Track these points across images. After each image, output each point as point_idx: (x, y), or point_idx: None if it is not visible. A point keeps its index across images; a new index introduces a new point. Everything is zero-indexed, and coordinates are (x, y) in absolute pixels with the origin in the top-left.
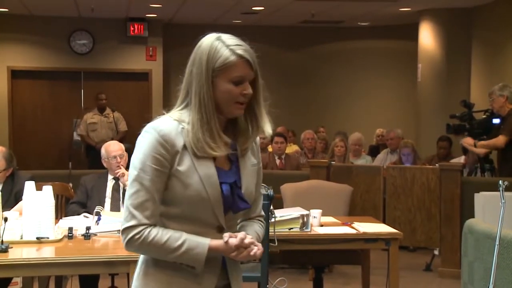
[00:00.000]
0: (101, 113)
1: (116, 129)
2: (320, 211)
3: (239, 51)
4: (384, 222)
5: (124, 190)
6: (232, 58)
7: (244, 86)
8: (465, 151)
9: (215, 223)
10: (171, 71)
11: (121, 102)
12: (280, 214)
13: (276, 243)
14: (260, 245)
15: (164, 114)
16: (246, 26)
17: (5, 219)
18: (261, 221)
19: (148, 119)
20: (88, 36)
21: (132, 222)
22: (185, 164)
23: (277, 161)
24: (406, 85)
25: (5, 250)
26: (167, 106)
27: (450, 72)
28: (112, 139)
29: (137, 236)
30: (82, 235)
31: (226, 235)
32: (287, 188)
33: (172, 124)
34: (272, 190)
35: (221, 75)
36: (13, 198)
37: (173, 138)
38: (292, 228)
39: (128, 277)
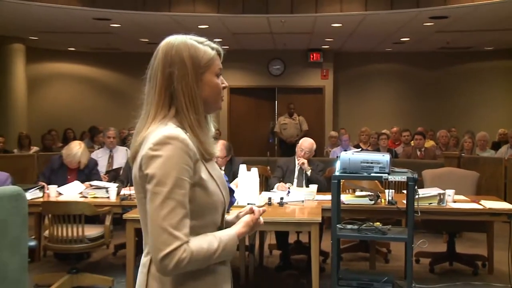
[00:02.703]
0: (290, 117)
1: (300, 128)
2: (453, 191)
3: (214, 45)
4: (505, 201)
5: (306, 174)
6: (213, 52)
7: (221, 79)
8: None
9: (219, 225)
10: (339, 87)
11: (303, 109)
12: (422, 192)
13: (419, 214)
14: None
15: (156, 124)
16: (395, 53)
17: None
18: None
19: (322, 123)
20: (281, 63)
21: (176, 244)
22: (203, 170)
23: (418, 153)
24: None
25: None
26: (338, 113)
27: None
28: (297, 135)
29: (184, 256)
30: (278, 203)
31: (245, 213)
32: (427, 173)
33: (183, 131)
34: (416, 174)
35: (207, 71)
36: (231, 176)
37: (192, 146)
38: (431, 203)
39: (310, 235)
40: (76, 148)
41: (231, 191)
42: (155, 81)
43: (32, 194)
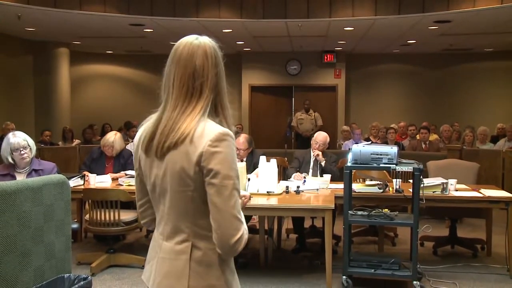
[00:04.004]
0: (306, 113)
1: (315, 123)
2: (455, 180)
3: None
4: (503, 189)
5: (320, 165)
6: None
7: None
8: None
9: None
10: (351, 85)
11: (317, 105)
12: (427, 181)
13: (424, 201)
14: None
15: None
16: (402, 54)
17: (248, 179)
18: None
19: (335, 118)
20: (297, 63)
21: (243, 227)
22: None
23: (423, 146)
24: None
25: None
26: (351, 113)
27: None
28: (312, 130)
29: (246, 236)
30: (294, 191)
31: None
32: (431, 164)
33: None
34: (421, 165)
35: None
36: (252, 167)
37: None
38: (435, 192)
39: (323, 220)
40: (111, 135)
41: None
42: (206, 79)
43: (75, 182)
